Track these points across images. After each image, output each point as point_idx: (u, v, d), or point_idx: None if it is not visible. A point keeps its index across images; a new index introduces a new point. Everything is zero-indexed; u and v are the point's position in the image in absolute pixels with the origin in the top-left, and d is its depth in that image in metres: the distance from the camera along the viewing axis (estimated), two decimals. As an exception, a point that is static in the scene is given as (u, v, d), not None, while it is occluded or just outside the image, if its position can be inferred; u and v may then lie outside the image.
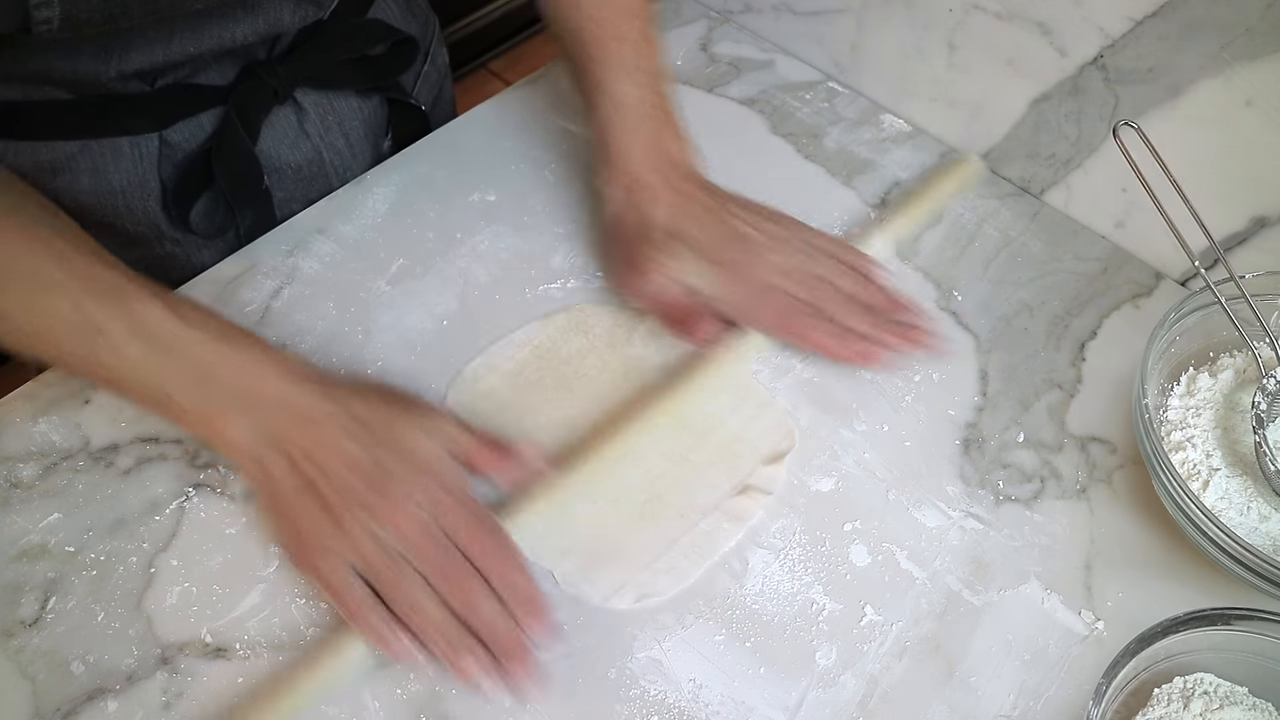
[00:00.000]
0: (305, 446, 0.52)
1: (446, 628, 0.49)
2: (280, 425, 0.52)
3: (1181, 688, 0.49)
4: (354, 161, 0.73)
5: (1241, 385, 0.58)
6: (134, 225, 0.66)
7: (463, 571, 0.50)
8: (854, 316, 0.61)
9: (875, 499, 0.57)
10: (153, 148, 0.64)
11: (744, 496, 0.57)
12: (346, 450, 0.52)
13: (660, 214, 0.62)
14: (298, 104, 0.68)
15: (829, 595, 0.54)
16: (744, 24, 0.84)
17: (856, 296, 0.62)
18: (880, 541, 0.56)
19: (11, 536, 0.54)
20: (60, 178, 0.63)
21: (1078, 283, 0.68)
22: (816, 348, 0.61)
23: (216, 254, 0.69)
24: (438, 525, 0.51)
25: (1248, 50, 0.57)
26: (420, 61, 0.78)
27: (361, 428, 0.53)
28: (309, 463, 0.52)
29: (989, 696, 0.51)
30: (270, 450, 0.52)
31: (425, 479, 0.52)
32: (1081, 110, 0.67)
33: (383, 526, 0.50)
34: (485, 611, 0.50)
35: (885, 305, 0.62)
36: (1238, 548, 0.49)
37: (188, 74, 0.63)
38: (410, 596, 0.50)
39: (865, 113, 0.78)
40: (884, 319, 0.61)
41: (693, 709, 0.50)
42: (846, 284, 0.62)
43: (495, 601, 0.50)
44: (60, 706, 0.49)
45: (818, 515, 0.57)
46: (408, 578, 0.50)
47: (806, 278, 0.62)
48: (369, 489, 0.51)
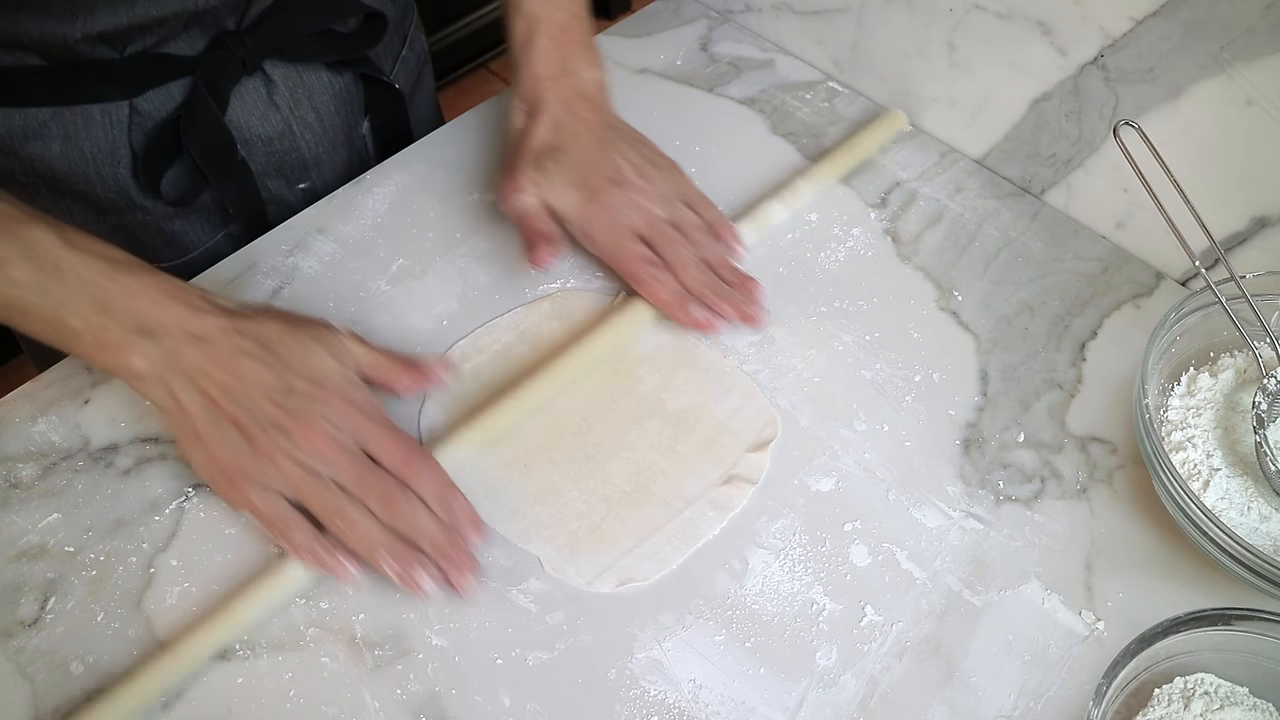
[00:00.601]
0: (211, 372, 0.52)
1: (391, 545, 0.51)
2: (184, 351, 0.52)
3: (1182, 688, 0.49)
4: (325, 137, 0.73)
5: (1242, 385, 0.58)
6: (105, 193, 0.66)
7: (397, 490, 0.52)
8: (697, 281, 0.62)
9: (875, 499, 0.57)
10: (123, 116, 0.64)
11: (729, 485, 0.57)
12: (252, 373, 0.52)
13: (544, 130, 0.64)
14: (267, 76, 0.68)
15: (829, 595, 0.54)
16: (744, 24, 0.84)
17: (707, 261, 0.63)
18: (880, 541, 0.56)
19: (11, 537, 0.54)
20: (32, 144, 0.63)
21: (1078, 283, 0.68)
22: (655, 302, 0.62)
23: (190, 224, 0.70)
24: (357, 445, 0.52)
25: (1248, 50, 0.57)
26: (398, 45, 0.78)
27: (264, 350, 0.53)
28: (217, 389, 0.52)
29: (989, 697, 0.51)
30: (177, 377, 0.52)
31: (335, 399, 0.53)
32: (1082, 110, 0.67)
33: (301, 450, 0.51)
34: (426, 527, 0.51)
35: (731, 277, 0.64)
36: (1238, 548, 0.49)
37: (156, 42, 0.63)
38: (346, 516, 0.51)
39: (865, 113, 0.78)
40: (725, 290, 0.63)
41: (693, 709, 0.50)
42: (701, 246, 0.64)
43: (433, 517, 0.52)
44: (60, 707, 0.49)
45: (818, 515, 0.57)
46: (340, 498, 0.51)
47: (664, 228, 0.63)
48: (280, 411, 0.51)
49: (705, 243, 0.64)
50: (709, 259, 0.64)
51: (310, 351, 0.54)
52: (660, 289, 0.62)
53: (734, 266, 0.65)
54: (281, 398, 0.52)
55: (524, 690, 0.50)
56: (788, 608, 0.53)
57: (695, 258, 0.63)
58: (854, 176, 0.73)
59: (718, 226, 0.66)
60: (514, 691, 0.50)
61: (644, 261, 0.62)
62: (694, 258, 0.63)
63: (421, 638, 0.52)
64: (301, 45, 0.69)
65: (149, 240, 0.70)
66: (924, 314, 0.66)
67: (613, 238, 0.63)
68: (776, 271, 0.67)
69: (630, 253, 0.63)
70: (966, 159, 0.75)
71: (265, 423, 0.51)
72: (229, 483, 0.52)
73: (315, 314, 0.64)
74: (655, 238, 0.63)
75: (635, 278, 0.62)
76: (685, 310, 0.62)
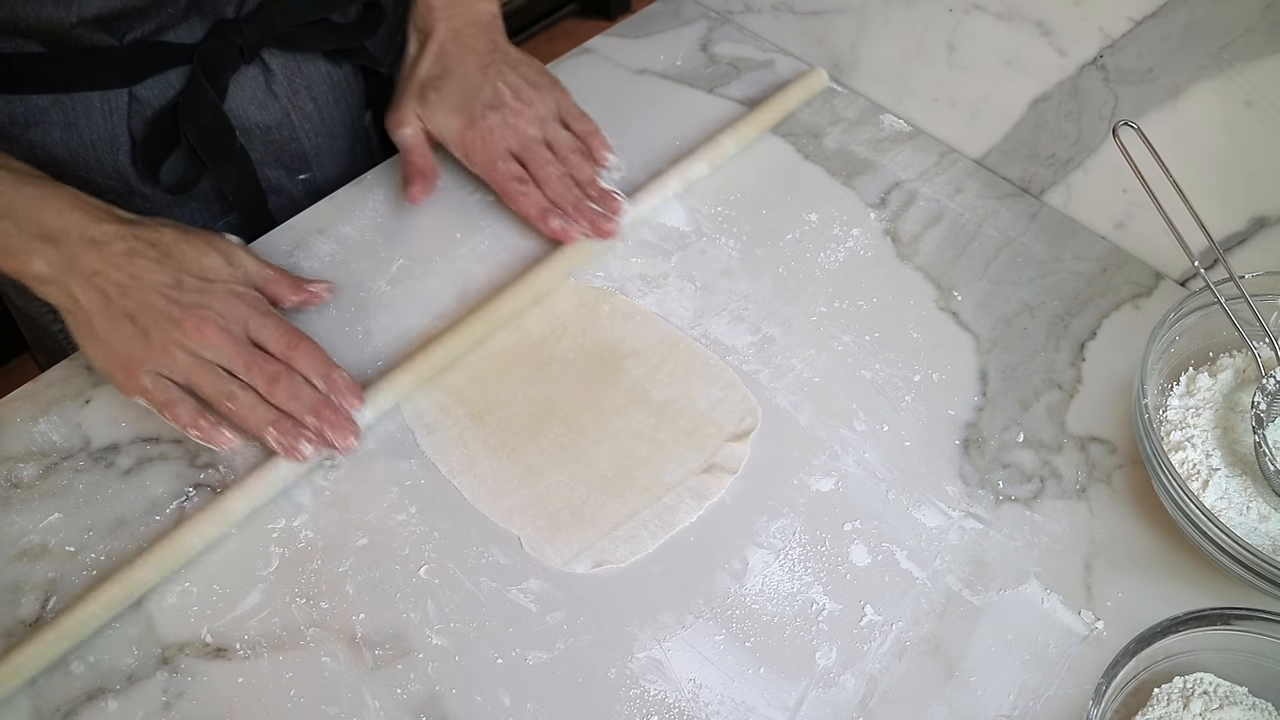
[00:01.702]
0: (107, 272, 0.55)
1: (277, 420, 0.55)
2: (82, 255, 0.55)
3: (1181, 688, 0.49)
4: (324, 127, 0.74)
5: (1241, 385, 0.58)
6: (104, 179, 0.67)
7: (282, 371, 0.56)
8: (559, 195, 0.67)
9: (875, 499, 0.58)
10: (122, 103, 0.65)
11: (708, 474, 0.58)
12: (145, 271, 0.56)
13: (429, 61, 0.69)
14: (265, 65, 0.69)
15: (829, 595, 0.54)
16: (744, 24, 0.84)
17: (575, 178, 0.68)
18: (880, 541, 0.56)
19: (12, 536, 0.54)
20: (33, 130, 0.64)
21: (1077, 283, 0.68)
22: (521, 213, 0.67)
23: (189, 212, 0.70)
24: (244, 334, 0.56)
25: (1248, 50, 0.58)
26: (399, 39, 0.78)
27: (158, 251, 0.57)
28: (112, 286, 0.55)
29: (989, 696, 0.51)
30: (75, 278, 0.55)
31: (223, 292, 0.57)
32: (1081, 110, 0.67)
33: (191, 339, 0.55)
34: (307, 397, 0.56)
35: (594, 193, 0.68)
36: (1237, 548, 0.49)
37: (155, 29, 0.63)
38: (235, 399, 0.55)
39: (865, 113, 0.78)
40: (584, 204, 0.67)
41: (693, 709, 0.50)
42: (571, 165, 0.68)
43: (314, 390, 0.56)
44: (60, 707, 0.49)
45: (818, 515, 0.57)
46: (228, 382, 0.55)
47: (536, 148, 0.68)
48: (171, 304, 0.55)
49: (575, 161, 0.69)
50: (578, 177, 0.68)
51: (202, 253, 0.58)
52: (525, 201, 0.67)
53: (599, 183, 0.69)
54: (173, 292, 0.56)
55: (524, 690, 0.51)
56: (788, 608, 0.53)
57: (561, 173, 0.68)
58: (854, 177, 0.73)
59: (589, 139, 0.70)
60: (514, 691, 0.50)
61: (513, 179, 0.67)
62: (560, 173, 0.68)
63: (421, 637, 0.52)
64: (299, 34, 0.69)
65: None
66: (924, 314, 0.66)
67: (488, 158, 0.67)
68: (776, 272, 0.68)
69: (502, 171, 0.67)
70: (966, 159, 0.75)
71: (158, 315, 0.55)
72: (123, 372, 0.55)
73: (315, 313, 0.64)
74: (526, 156, 0.68)
75: (505, 193, 0.68)
76: (545, 221, 0.66)
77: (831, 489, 0.58)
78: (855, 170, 0.74)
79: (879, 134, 0.76)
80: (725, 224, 0.70)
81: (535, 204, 0.67)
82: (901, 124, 0.77)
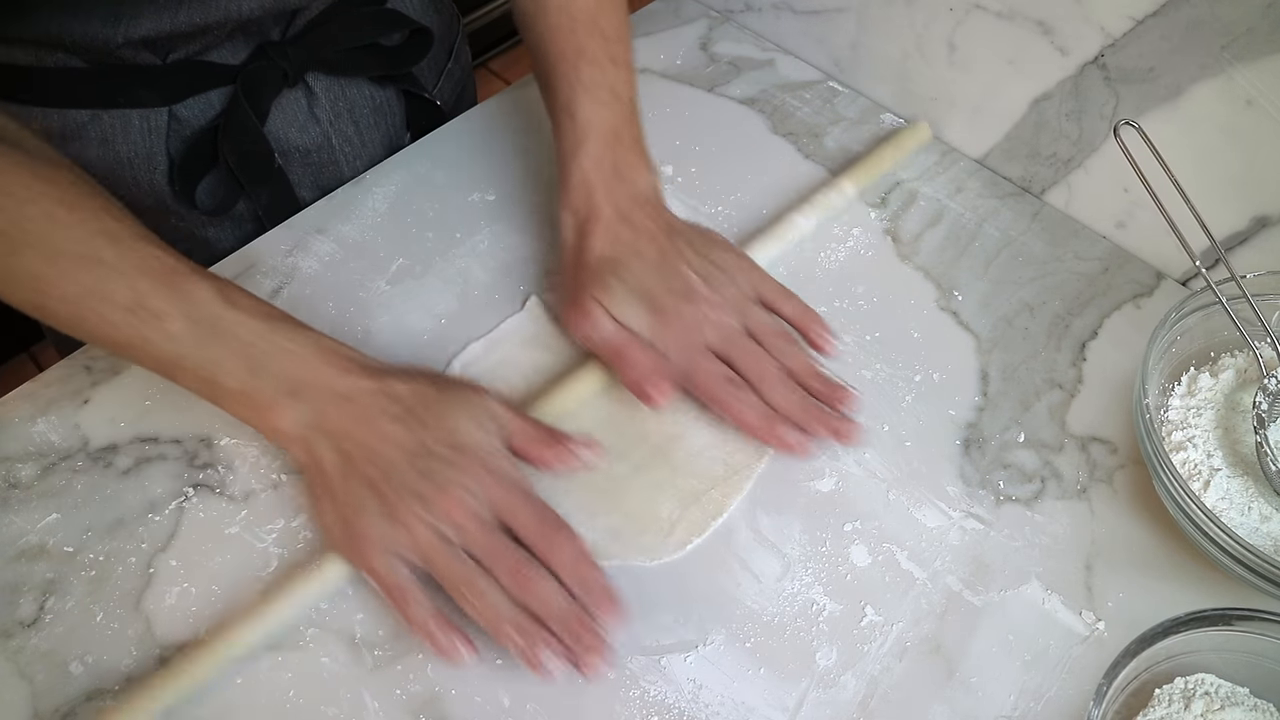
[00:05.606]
0: (352, 432, 0.51)
1: (517, 620, 0.49)
2: (329, 411, 0.51)
3: (1182, 688, 0.49)
4: (364, 150, 0.73)
5: (1242, 385, 0.58)
6: (140, 197, 0.66)
7: (529, 564, 0.50)
8: (784, 399, 0.57)
9: (875, 499, 0.57)
10: (161, 122, 0.64)
11: (715, 490, 0.58)
12: (393, 434, 0.51)
13: (601, 244, 0.60)
14: (309, 88, 0.68)
15: (829, 595, 0.54)
16: (744, 23, 0.84)
17: (791, 370, 0.59)
18: (880, 541, 0.56)
19: (10, 537, 0.54)
20: (70, 145, 0.63)
21: (1078, 282, 0.68)
22: (741, 426, 0.57)
23: (222, 231, 0.69)
24: (494, 516, 0.50)
25: (1248, 50, 0.57)
26: (444, 58, 0.78)
27: (407, 412, 0.52)
28: (356, 448, 0.51)
29: (989, 697, 0.51)
30: (319, 437, 0.51)
31: (476, 466, 0.51)
32: (1082, 110, 0.67)
33: (436, 516, 0.49)
34: (555, 603, 0.49)
35: (819, 387, 0.59)
36: (1239, 548, 0.49)
37: (199, 49, 0.63)
38: (474, 587, 0.49)
39: (865, 112, 0.78)
40: (814, 407, 0.58)
41: (693, 709, 0.50)
42: (783, 354, 0.59)
43: (563, 593, 0.49)
44: (59, 707, 0.49)
45: (818, 515, 0.57)
46: (469, 568, 0.49)
47: (740, 341, 0.58)
48: (419, 476, 0.50)
49: (786, 350, 0.59)
50: (793, 368, 0.59)
51: (455, 416, 0.52)
52: (746, 412, 0.57)
53: (821, 374, 0.59)
54: (422, 462, 0.50)
55: (524, 690, 0.50)
56: (788, 608, 0.53)
57: (778, 369, 0.58)
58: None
59: (803, 324, 0.61)
60: (514, 691, 0.50)
61: (723, 381, 0.57)
62: (776, 370, 0.58)
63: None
64: (345, 58, 0.68)
65: (180, 245, 0.67)
66: (924, 314, 0.66)
67: (688, 358, 0.58)
68: (776, 272, 0.67)
69: (707, 373, 0.57)
70: (966, 159, 0.75)
71: (401, 486, 0.50)
72: (355, 546, 0.50)
73: (316, 314, 0.64)
74: (732, 352, 0.58)
75: (716, 400, 0.57)
76: (774, 433, 0.57)
77: (832, 489, 0.58)
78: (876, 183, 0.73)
79: (879, 134, 0.76)
80: (725, 224, 0.70)
81: (757, 413, 0.57)
82: (902, 123, 0.77)
